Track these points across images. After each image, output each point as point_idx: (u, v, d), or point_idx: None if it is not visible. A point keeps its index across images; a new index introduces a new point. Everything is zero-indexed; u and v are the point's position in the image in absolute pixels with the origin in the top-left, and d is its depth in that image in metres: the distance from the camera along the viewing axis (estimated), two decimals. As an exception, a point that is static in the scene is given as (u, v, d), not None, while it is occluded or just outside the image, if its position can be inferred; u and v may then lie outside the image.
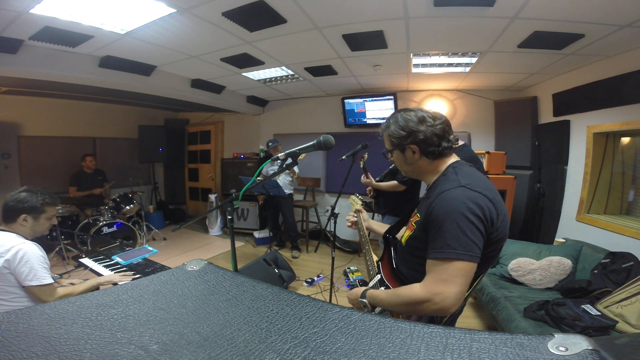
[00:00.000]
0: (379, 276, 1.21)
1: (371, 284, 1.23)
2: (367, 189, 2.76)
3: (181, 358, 0.36)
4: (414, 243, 1.04)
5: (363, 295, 1.10)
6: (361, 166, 2.57)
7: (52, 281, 1.56)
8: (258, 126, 5.95)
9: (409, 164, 1.10)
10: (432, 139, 1.03)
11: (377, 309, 1.08)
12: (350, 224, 1.57)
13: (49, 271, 1.57)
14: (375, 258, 1.35)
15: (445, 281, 0.85)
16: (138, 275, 1.91)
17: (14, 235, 1.55)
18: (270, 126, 5.78)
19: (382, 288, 1.14)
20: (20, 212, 1.58)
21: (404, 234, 1.17)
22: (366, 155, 2.63)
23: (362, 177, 2.68)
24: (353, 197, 1.83)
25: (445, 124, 1.05)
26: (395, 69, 3.61)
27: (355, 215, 1.59)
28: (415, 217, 1.07)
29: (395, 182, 2.48)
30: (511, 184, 3.18)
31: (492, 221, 0.90)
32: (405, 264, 1.10)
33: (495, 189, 0.97)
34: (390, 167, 2.61)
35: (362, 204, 1.71)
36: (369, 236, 1.52)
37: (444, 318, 1.00)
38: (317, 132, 2.65)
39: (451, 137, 1.06)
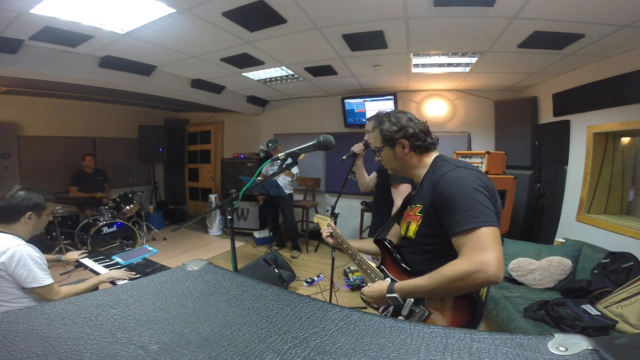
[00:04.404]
0: (388, 280, 1.20)
1: None
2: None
3: (181, 358, 0.36)
4: (425, 231, 1.08)
5: (391, 289, 1.07)
6: (349, 177, 2.46)
7: (52, 281, 1.56)
8: (258, 126, 5.96)
9: (398, 159, 1.18)
10: (420, 134, 1.15)
11: (408, 302, 1.06)
12: (327, 236, 1.61)
13: (47, 271, 1.56)
14: (373, 265, 1.34)
15: (484, 249, 0.87)
16: (138, 275, 1.91)
17: (9, 236, 1.53)
18: (270, 126, 5.78)
19: (395, 281, 1.13)
20: (25, 210, 1.58)
21: (406, 230, 1.18)
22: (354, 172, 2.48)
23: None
24: (318, 215, 1.82)
25: (427, 125, 1.20)
26: (395, 69, 3.61)
27: (330, 229, 1.61)
28: (416, 209, 1.12)
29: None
30: (511, 184, 3.17)
31: (493, 193, 0.99)
32: (419, 258, 1.12)
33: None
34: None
35: (331, 219, 1.72)
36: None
37: (482, 294, 1.02)
38: (317, 132, 2.64)
39: (433, 136, 1.19)
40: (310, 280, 3.48)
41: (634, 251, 2.27)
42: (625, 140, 2.84)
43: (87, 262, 2.11)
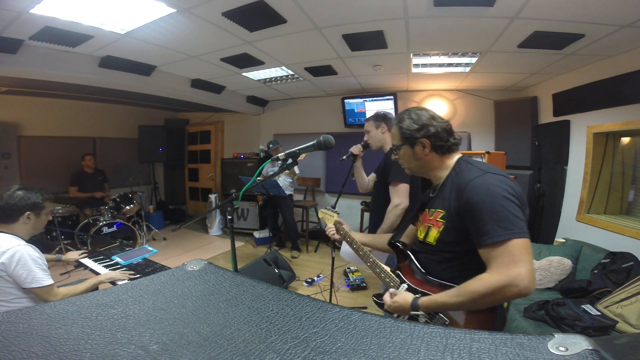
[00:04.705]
0: (405, 285, 1.16)
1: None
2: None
3: (181, 358, 0.36)
4: (448, 238, 1.03)
5: (415, 306, 1.02)
6: (353, 178, 2.37)
7: (52, 282, 1.55)
8: (258, 126, 5.95)
9: (418, 159, 1.11)
10: (442, 134, 1.08)
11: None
12: (332, 234, 1.51)
13: (47, 272, 1.56)
14: (387, 268, 1.27)
15: (515, 262, 0.84)
16: (138, 276, 1.91)
17: (9, 236, 1.53)
18: (270, 126, 5.78)
19: (419, 296, 1.07)
20: (23, 210, 1.57)
21: (426, 235, 1.12)
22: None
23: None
24: (323, 210, 1.69)
25: (451, 124, 1.12)
26: (395, 69, 3.61)
27: (337, 228, 1.50)
28: (437, 214, 1.07)
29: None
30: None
31: (523, 200, 0.94)
32: (440, 265, 1.07)
33: None
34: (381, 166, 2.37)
35: (337, 214, 1.59)
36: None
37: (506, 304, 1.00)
38: (317, 132, 2.64)
39: (456, 136, 1.12)
40: (310, 280, 3.48)
41: (634, 251, 2.27)
42: (625, 140, 2.84)
43: (87, 262, 2.11)
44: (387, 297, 1.12)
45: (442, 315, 1.02)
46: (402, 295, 1.08)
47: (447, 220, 1.02)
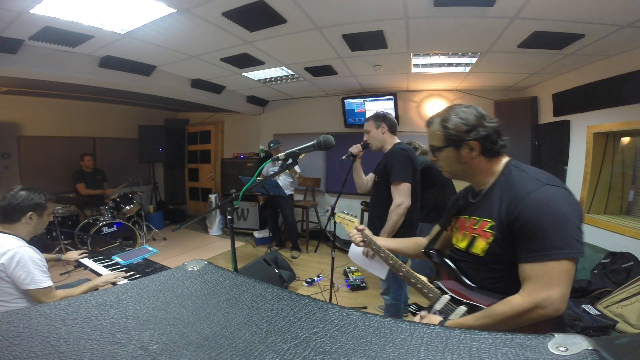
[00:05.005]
0: (447, 297, 1.09)
1: (439, 306, 1.09)
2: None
3: (181, 358, 0.36)
4: (498, 250, 0.95)
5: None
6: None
7: (51, 284, 1.55)
8: (258, 126, 5.95)
9: (463, 162, 1.02)
10: (494, 136, 0.99)
11: (459, 310, 1.01)
12: (360, 241, 1.37)
13: (47, 273, 1.55)
14: (424, 278, 1.18)
15: (550, 285, 0.82)
16: (137, 276, 1.91)
17: (11, 237, 1.53)
18: (270, 126, 5.78)
19: (464, 307, 1.02)
20: (26, 210, 1.58)
21: (470, 245, 1.04)
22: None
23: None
24: (341, 215, 1.55)
25: (500, 124, 1.03)
26: (395, 69, 3.61)
27: (360, 234, 1.38)
28: (484, 224, 0.99)
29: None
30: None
31: (581, 215, 0.89)
32: (490, 276, 1.00)
33: None
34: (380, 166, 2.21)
35: (356, 218, 1.48)
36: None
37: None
38: (317, 132, 2.64)
39: (504, 136, 1.02)
40: (310, 280, 3.48)
41: (634, 251, 2.27)
42: (625, 140, 2.84)
43: (87, 262, 2.11)
44: (416, 320, 1.07)
45: None
46: (429, 319, 1.05)
47: (498, 232, 0.94)
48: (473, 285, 1.04)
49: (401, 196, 1.91)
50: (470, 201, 1.08)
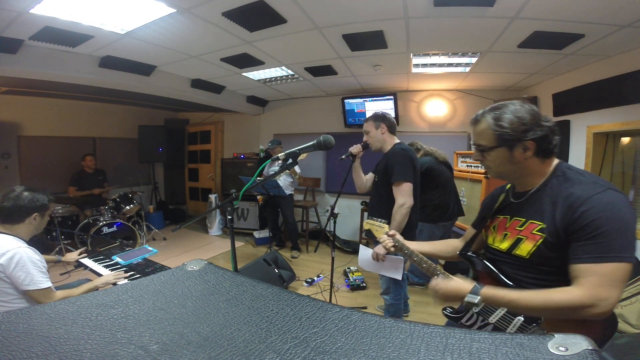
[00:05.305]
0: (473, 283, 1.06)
1: (476, 309, 1.04)
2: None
3: (181, 358, 0.36)
4: (548, 254, 0.93)
5: (475, 291, 0.94)
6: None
7: (50, 285, 1.54)
8: (258, 126, 5.95)
9: (515, 163, 0.98)
10: (551, 136, 0.96)
11: (499, 311, 0.97)
12: (391, 246, 1.33)
13: (46, 274, 1.55)
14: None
15: (611, 286, 0.81)
16: (138, 275, 1.91)
17: (10, 237, 1.53)
18: (270, 126, 5.78)
19: (503, 309, 0.99)
20: (32, 211, 1.59)
21: (513, 246, 1.01)
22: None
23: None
24: (369, 221, 1.51)
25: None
26: (395, 69, 3.61)
27: (392, 239, 1.33)
28: (532, 226, 0.96)
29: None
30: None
31: (636, 222, 0.88)
32: (536, 278, 0.97)
33: None
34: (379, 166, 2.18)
35: (387, 224, 1.43)
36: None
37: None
38: (317, 132, 2.65)
39: (557, 136, 0.99)
40: (310, 280, 3.48)
41: (634, 251, 2.27)
42: (625, 140, 2.84)
43: (87, 262, 2.11)
44: (441, 283, 1.02)
45: (537, 326, 0.94)
46: (460, 284, 0.99)
47: (549, 235, 0.91)
48: (512, 285, 1.01)
49: (403, 196, 1.92)
50: (512, 201, 1.05)
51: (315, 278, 3.55)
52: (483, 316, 1.04)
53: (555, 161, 1.00)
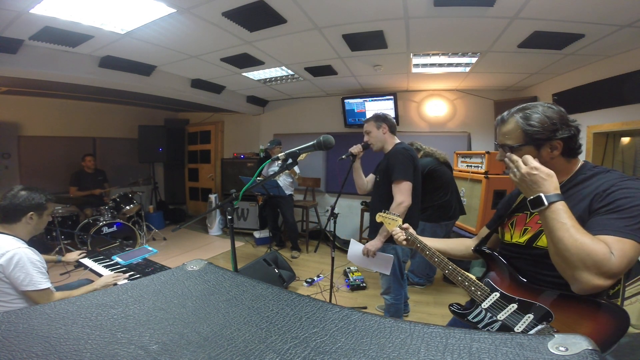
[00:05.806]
0: (496, 294, 1.05)
1: (487, 304, 1.06)
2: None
3: (181, 358, 0.36)
4: None
5: (550, 198, 0.87)
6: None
7: (49, 286, 1.54)
8: (258, 126, 5.96)
9: (541, 162, 0.97)
10: (577, 136, 0.98)
11: (527, 317, 0.95)
12: (403, 239, 1.36)
13: (45, 275, 1.54)
14: (472, 276, 1.15)
15: (622, 256, 0.80)
16: (138, 275, 1.91)
17: (10, 238, 1.53)
18: (270, 126, 5.78)
19: (515, 305, 0.99)
20: (27, 210, 1.58)
21: (531, 240, 1.02)
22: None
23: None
24: (382, 214, 1.58)
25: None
26: (395, 69, 3.61)
27: (404, 232, 1.36)
28: None
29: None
30: (511, 183, 3.17)
31: None
32: (548, 275, 0.96)
33: None
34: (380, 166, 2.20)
35: (399, 217, 1.47)
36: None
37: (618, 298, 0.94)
38: (317, 132, 2.65)
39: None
40: (310, 280, 3.48)
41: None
42: (625, 140, 2.84)
43: (87, 262, 2.11)
44: (526, 158, 0.96)
45: (548, 325, 0.92)
46: (550, 181, 0.93)
47: None
48: (526, 281, 1.02)
49: (402, 195, 1.92)
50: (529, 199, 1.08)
51: (315, 278, 3.55)
52: (492, 313, 1.03)
53: (581, 161, 1.02)
